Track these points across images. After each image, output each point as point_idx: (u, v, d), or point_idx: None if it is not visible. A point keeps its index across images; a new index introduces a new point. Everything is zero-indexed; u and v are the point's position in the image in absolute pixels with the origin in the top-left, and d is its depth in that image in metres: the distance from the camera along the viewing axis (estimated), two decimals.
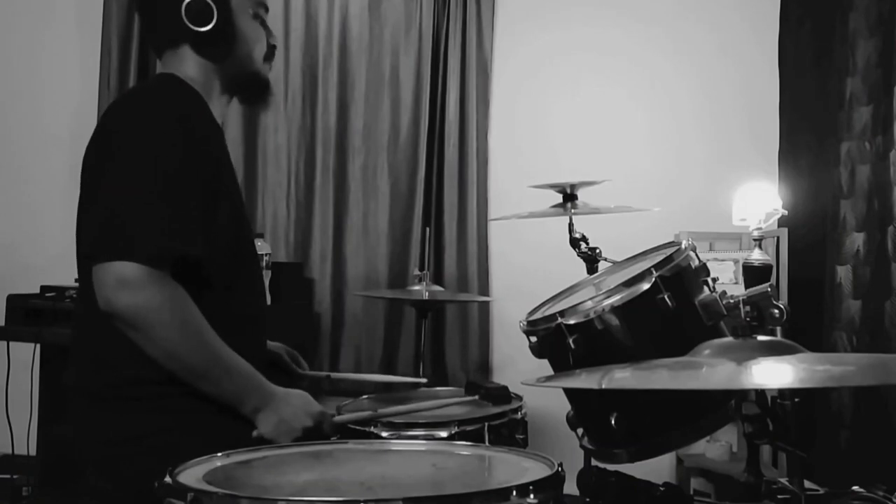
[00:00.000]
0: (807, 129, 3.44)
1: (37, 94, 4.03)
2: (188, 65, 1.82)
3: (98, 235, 1.60)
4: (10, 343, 3.16)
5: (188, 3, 1.76)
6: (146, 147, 1.64)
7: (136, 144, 1.65)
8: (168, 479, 1.24)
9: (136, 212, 1.58)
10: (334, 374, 2.45)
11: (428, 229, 3.74)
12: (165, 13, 1.80)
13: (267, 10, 1.92)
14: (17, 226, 3.94)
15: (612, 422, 1.62)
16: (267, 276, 3.38)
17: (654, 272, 1.62)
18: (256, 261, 1.97)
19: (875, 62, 2.82)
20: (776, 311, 1.40)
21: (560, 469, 1.28)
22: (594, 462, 1.76)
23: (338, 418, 1.84)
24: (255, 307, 1.89)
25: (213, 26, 1.78)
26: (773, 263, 2.22)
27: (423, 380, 2.71)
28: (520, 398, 2.32)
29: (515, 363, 3.60)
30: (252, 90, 1.93)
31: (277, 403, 1.71)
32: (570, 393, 1.78)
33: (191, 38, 1.80)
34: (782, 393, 1.38)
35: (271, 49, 1.92)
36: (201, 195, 1.68)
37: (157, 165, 1.62)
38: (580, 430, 1.81)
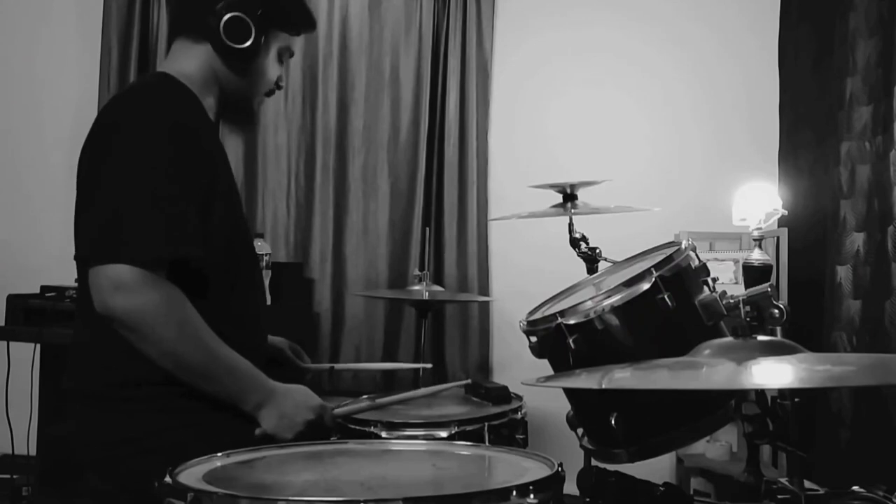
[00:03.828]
0: (807, 129, 3.43)
1: (36, 94, 4.02)
2: (196, 63, 1.81)
3: (94, 238, 1.60)
4: (10, 343, 3.16)
5: (229, 18, 1.75)
6: (141, 149, 1.63)
7: (131, 146, 1.64)
8: (168, 479, 1.24)
9: (132, 214, 1.58)
10: (338, 366, 2.44)
11: (428, 229, 3.75)
12: (200, 6, 1.78)
13: (291, 55, 1.92)
14: (17, 226, 3.94)
15: (612, 422, 1.62)
16: (267, 276, 3.38)
17: (654, 272, 1.61)
18: (255, 258, 1.97)
19: (875, 62, 2.82)
20: (776, 311, 1.40)
21: (560, 469, 1.28)
22: (594, 462, 1.76)
23: (337, 410, 1.84)
24: (253, 305, 1.89)
25: (246, 47, 1.77)
26: (773, 263, 2.22)
27: (428, 365, 2.70)
28: (520, 398, 2.32)
29: (515, 363, 3.60)
30: (237, 114, 1.93)
31: (278, 399, 1.71)
32: (570, 393, 1.78)
33: (217, 45, 1.78)
34: (782, 393, 1.38)
35: (276, 87, 1.92)
36: (197, 195, 1.68)
37: (152, 167, 1.62)
38: (580, 430, 1.81)
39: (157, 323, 1.59)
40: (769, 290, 1.42)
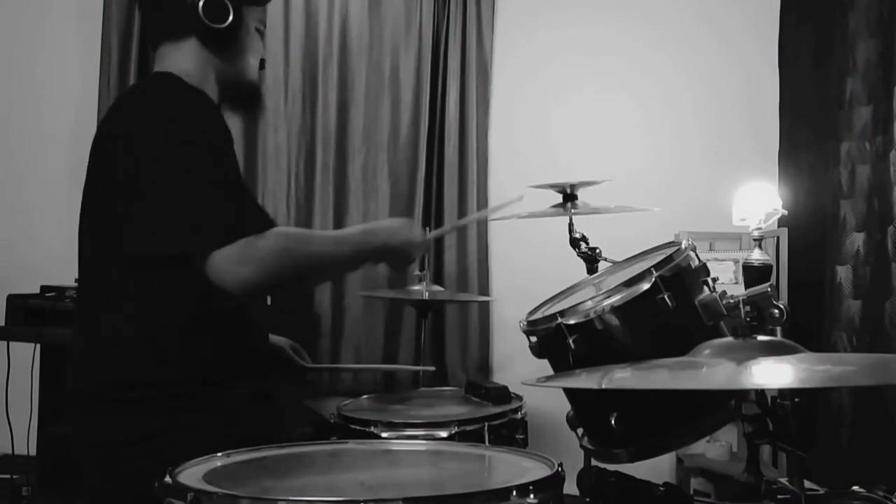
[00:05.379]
0: (807, 129, 3.43)
1: (37, 93, 4.02)
2: (187, 59, 1.82)
3: (176, 237, 1.62)
4: (10, 343, 3.16)
5: (206, 1, 1.77)
6: (181, 146, 1.66)
7: (170, 144, 1.66)
8: (168, 479, 1.24)
9: (201, 203, 1.63)
10: (339, 366, 2.44)
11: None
12: (175, 4, 1.80)
13: (265, 26, 1.95)
14: (17, 226, 3.94)
15: (612, 422, 1.62)
16: None
17: (654, 272, 1.61)
18: None
19: (875, 62, 2.82)
20: (776, 311, 1.40)
21: (560, 469, 1.28)
22: (594, 462, 1.76)
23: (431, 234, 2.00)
24: (256, 304, 1.90)
25: (227, 26, 1.80)
26: (773, 263, 2.22)
27: (430, 368, 2.71)
28: (520, 398, 2.32)
29: (515, 363, 3.60)
30: (245, 97, 1.95)
31: (386, 240, 1.81)
32: (570, 393, 1.78)
33: (200, 33, 1.80)
34: (782, 393, 1.38)
35: (262, 62, 1.95)
36: (234, 183, 1.76)
37: (198, 160, 1.66)
38: (580, 430, 1.81)
39: (280, 270, 1.67)
40: (769, 290, 1.41)
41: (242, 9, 1.83)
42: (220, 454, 1.42)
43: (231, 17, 1.80)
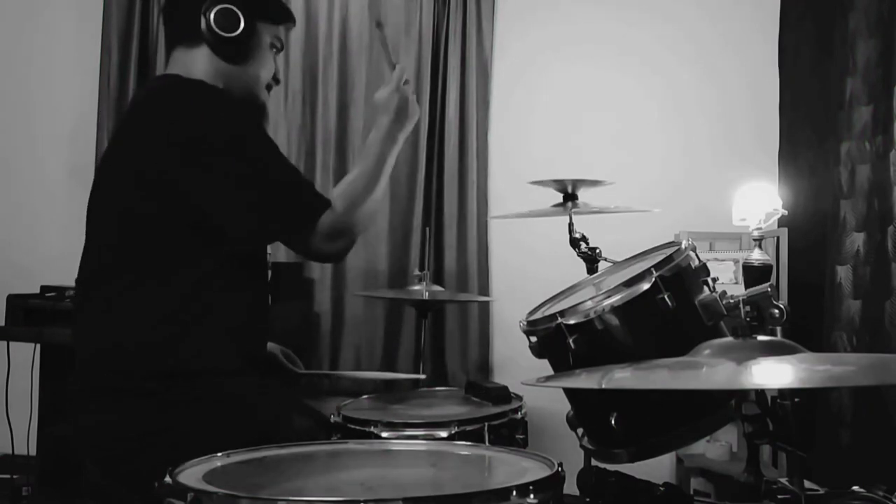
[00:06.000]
0: (807, 129, 3.43)
1: (37, 93, 4.02)
2: (199, 65, 1.84)
3: (282, 223, 1.78)
4: (11, 343, 3.16)
5: (218, 10, 1.81)
6: (258, 142, 1.80)
7: (252, 144, 1.78)
8: (168, 479, 1.24)
9: (293, 184, 1.82)
10: (333, 373, 2.46)
11: (428, 229, 3.74)
12: (190, 11, 1.83)
13: (282, 46, 1.98)
14: (16, 226, 3.93)
15: (612, 422, 1.62)
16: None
17: (654, 272, 1.61)
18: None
19: (875, 62, 2.82)
20: (776, 311, 1.40)
21: (560, 469, 1.28)
22: (594, 462, 1.76)
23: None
24: (265, 302, 1.93)
25: (237, 35, 1.84)
26: (773, 263, 2.22)
27: (422, 375, 2.72)
28: (520, 398, 2.32)
29: (515, 363, 3.60)
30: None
31: (387, 116, 1.90)
32: (570, 393, 1.78)
33: (212, 41, 1.83)
34: (782, 393, 1.38)
35: (274, 81, 1.98)
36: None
37: (275, 148, 1.83)
38: (580, 430, 1.81)
39: (359, 221, 1.82)
40: (769, 290, 1.41)
41: (256, 22, 1.87)
42: (220, 454, 1.42)
43: (242, 27, 1.84)
